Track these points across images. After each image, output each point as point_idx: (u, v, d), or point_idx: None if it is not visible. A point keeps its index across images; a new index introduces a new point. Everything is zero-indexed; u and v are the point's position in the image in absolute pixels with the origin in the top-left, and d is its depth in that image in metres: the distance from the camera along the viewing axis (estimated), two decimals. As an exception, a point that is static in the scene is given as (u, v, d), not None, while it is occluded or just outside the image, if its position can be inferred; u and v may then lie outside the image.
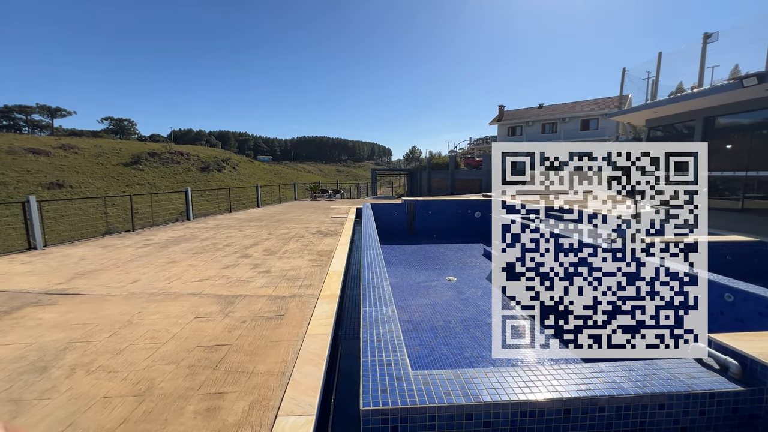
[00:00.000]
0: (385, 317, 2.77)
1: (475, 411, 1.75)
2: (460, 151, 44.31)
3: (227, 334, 3.00)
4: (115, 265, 5.23)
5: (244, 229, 8.60)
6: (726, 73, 10.15)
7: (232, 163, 66.73)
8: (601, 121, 29.63)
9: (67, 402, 2.11)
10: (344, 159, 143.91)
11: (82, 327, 3.16)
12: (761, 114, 8.36)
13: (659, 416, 1.84)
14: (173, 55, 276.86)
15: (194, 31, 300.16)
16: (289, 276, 4.65)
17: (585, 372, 2.00)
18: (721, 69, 10.12)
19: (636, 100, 12.53)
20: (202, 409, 2.04)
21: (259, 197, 14.05)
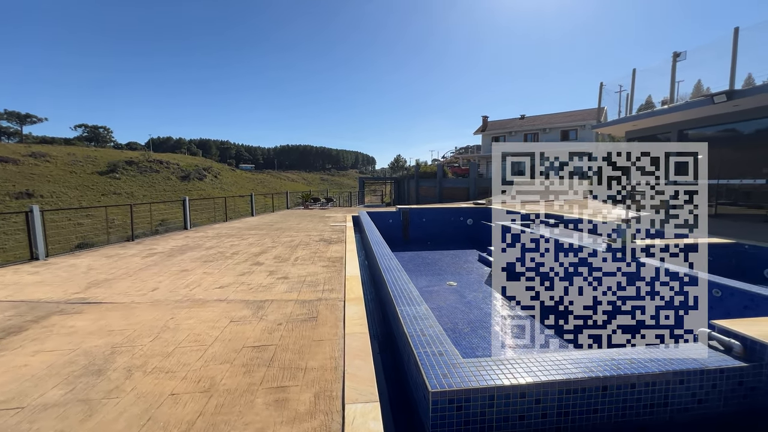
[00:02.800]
0: (421, 315, 3.00)
1: (528, 390, 2.00)
2: (443, 160, 45.25)
3: (268, 335, 3.14)
4: (128, 274, 5.22)
5: (246, 237, 8.63)
6: (690, 88, 11.06)
7: (213, 171, 65.52)
8: (580, 132, 31.10)
9: (137, 400, 2.22)
10: (328, 168, 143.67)
11: (120, 333, 3.22)
12: (729, 127, 9.17)
13: (680, 390, 2.14)
14: (153, 61, 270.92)
15: (176, 35, 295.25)
16: (308, 281, 4.79)
17: (613, 355, 2.28)
18: (686, 84, 11.01)
19: (611, 112, 13.39)
20: (271, 401, 2.19)
21: (254, 206, 14.01)
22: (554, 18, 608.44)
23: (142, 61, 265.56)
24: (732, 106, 8.19)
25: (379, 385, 2.39)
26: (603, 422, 2.09)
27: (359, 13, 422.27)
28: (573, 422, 2.06)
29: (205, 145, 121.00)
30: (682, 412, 2.16)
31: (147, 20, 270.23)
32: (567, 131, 32.80)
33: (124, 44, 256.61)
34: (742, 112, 8.61)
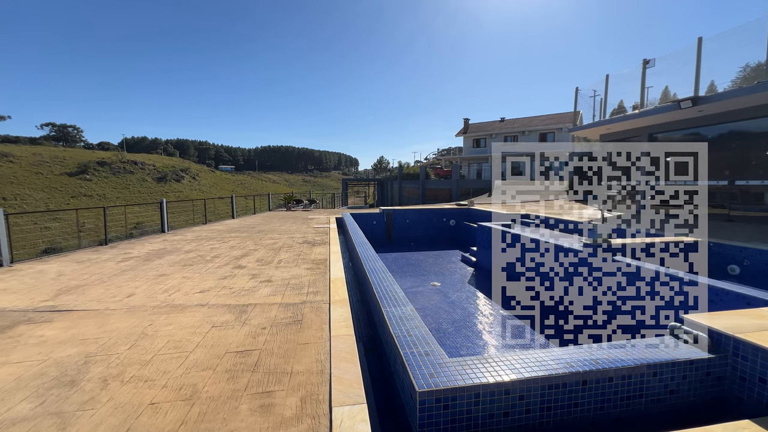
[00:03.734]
0: (406, 316, 3.01)
1: (512, 387, 2.04)
2: (426, 162, 45.68)
3: (252, 340, 3.08)
4: (101, 280, 5.01)
5: (227, 240, 8.44)
6: (659, 94, 11.64)
7: (191, 173, 63.69)
8: (558, 135, 32.09)
9: (115, 410, 2.13)
10: (310, 169, 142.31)
11: (94, 341, 3.08)
12: (695, 131, 9.69)
13: (653, 382, 2.24)
14: (126, 59, 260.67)
15: (152, 33, 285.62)
16: (292, 284, 4.73)
17: (592, 351, 2.37)
18: (655, 90, 11.57)
19: (586, 115, 13.90)
20: (257, 406, 2.16)
21: (234, 208, 13.71)
22: (537, 23, 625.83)
23: (116, 61, 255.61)
24: (697, 111, 8.66)
25: (366, 387, 2.39)
26: (583, 415, 2.16)
27: (347, 18, 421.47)
28: (555, 417, 2.12)
29: (182, 146, 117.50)
30: (655, 403, 2.26)
31: (122, 20, 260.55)
32: (545, 134, 33.77)
33: (95, 43, 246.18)
34: (706, 117, 9.12)
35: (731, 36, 8.77)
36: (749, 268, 5.39)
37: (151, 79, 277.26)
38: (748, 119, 8.56)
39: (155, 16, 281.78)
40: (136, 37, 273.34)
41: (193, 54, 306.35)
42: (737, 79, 9.61)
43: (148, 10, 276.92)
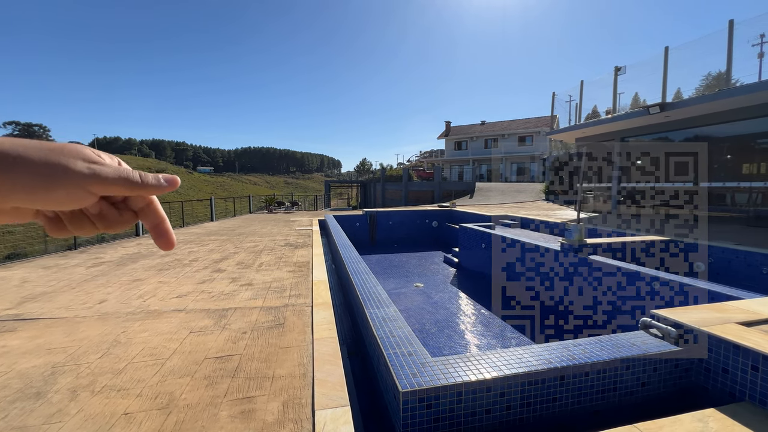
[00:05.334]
0: (390, 317, 3.02)
1: (493, 384, 2.08)
2: (409, 164, 45.98)
3: (232, 344, 3.01)
4: (70, 287, 4.77)
5: (206, 243, 8.21)
6: (629, 100, 12.19)
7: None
8: (536, 138, 32.98)
9: (85, 422, 2.03)
10: (292, 171, 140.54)
11: (62, 351, 2.93)
12: (663, 135, 10.17)
13: (626, 375, 2.34)
14: (94, 59, 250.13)
15: (129, 34, 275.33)
16: (274, 287, 4.65)
17: (569, 346, 2.45)
18: (626, 96, 12.12)
19: (563, 120, 14.38)
20: (237, 412, 2.10)
21: (213, 210, 13.36)
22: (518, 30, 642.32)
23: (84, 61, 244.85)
24: (664, 116, 9.10)
25: (350, 389, 2.38)
26: (561, 410, 2.22)
27: (333, 24, 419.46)
28: (535, 412, 2.18)
29: (158, 147, 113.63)
30: (628, 396, 2.36)
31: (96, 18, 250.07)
32: (524, 137, 34.65)
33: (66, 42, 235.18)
34: (673, 122, 9.60)
35: (695, 46, 9.29)
36: (713, 265, 5.69)
37: (124, 79, 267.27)
38: (711, 125, 9.08)
39: (134, 15, 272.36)
40: (111, 37, 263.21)
41: (172, 55, 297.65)
42: (700, 87, 10.17)
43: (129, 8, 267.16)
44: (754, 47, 8.55)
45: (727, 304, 2.86)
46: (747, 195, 8.66)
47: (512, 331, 5.35)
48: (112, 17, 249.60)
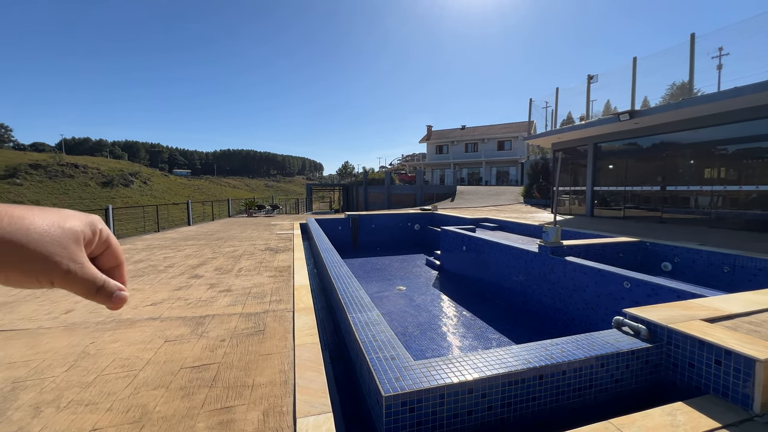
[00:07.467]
0: (372, 321, 3.01)
1: (475, 386, 2.11)
2: (391, 167, 46.19)
3: (210, 353, 2.91)
4: (33, 295, 4.50)
5: (183, 248, 7.95)
6: (601, 107, 12.73)
7: (142, 177, 59.52)
8: (514, 142, 33.85)
9: (49, 441, 1.91)
10: (273, 174, 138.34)
11: (24, 365, 2.76)
12: (633, 141, 10.65)
13: (601, 372, 2.42)
14: (63, 55, 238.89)
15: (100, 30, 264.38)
16: (254, 293, 4.55)
17: (547, 346, 2.51)
18: (599, 103, 12.64)
19: (539, 125, 14.86)
20: (215, 423, 2.04)
21: (191, 214, 12.96)
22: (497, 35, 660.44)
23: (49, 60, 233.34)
24: (633, 123, 9.55)
25: (332, 395, 2.35)
26: (540, 408, 2.28)
27: (315, 27, 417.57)
28: (515, 412, 2.22)
29: (132, 148, 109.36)
30: (603, 392, 2.44)
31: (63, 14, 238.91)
32: (503, 141, 35.50)
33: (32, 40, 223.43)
34: (641, 128, 10.09)
35: (661, 56, 9.81)
36: (679, 265, 5.99)
37: (94, 78, 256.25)
38: (676, 131, 9.60)
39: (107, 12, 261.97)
40: (78, 33, 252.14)
41: (145, 54, 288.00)
42: (666, 96, 10.74)
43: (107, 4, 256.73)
44: (714, 59, 9.12)
45: (692, 301, 3.02)
46: (709, 198, 9.19)
47: (493, 331, 5.44)
48: (94, 14, 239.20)
